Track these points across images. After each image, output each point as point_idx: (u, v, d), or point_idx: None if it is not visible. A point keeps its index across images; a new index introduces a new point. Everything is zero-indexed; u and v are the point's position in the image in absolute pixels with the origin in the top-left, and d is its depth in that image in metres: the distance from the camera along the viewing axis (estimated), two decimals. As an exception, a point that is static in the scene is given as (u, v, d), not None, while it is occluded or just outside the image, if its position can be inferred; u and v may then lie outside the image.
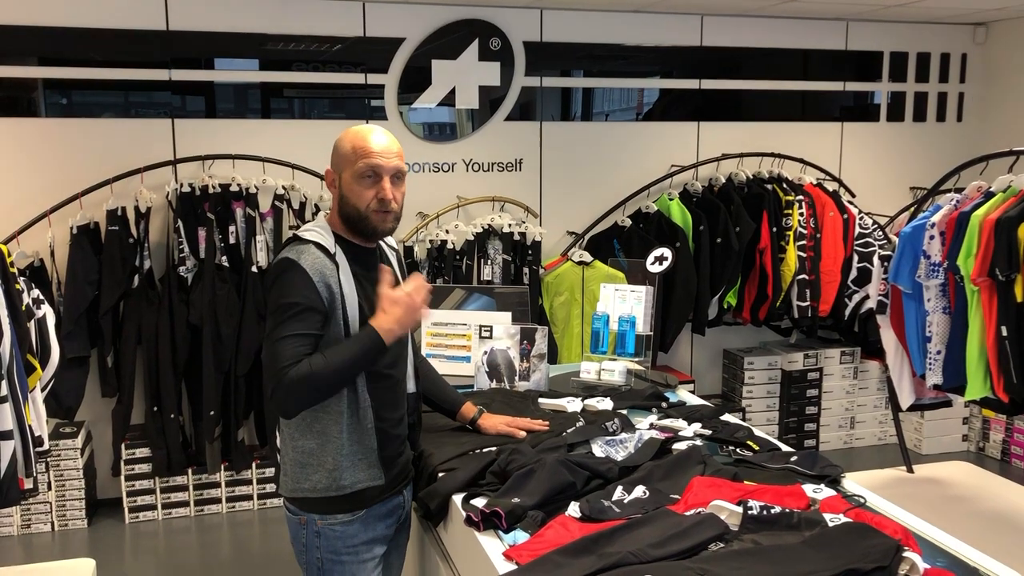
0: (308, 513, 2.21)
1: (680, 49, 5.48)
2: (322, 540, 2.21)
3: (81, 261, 4.33)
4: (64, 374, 4.17)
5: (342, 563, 2.23)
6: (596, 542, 1.79)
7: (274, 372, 2.03)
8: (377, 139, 2.17)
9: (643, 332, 3.14)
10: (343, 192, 2.18)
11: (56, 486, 4.45)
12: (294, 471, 2.21)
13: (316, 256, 2.11)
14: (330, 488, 2.17)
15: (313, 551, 2.23)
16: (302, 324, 2.05)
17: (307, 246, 2.13)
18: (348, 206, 2.17)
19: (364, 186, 2.15)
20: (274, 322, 2.07)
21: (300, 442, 2.19)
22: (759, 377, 5.52)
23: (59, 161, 4.51)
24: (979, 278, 3.41)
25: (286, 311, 2.05)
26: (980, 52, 6.02)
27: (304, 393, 2.04)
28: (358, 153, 2.15)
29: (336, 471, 2.16)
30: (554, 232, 5.32)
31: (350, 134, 2.19)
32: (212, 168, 4.62)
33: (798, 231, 5.22)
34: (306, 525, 2.22)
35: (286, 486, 2.24)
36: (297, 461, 2.20)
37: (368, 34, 4.88)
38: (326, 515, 2.20)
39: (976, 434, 5.53)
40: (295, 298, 2.06)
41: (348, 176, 2.16)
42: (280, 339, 2.04)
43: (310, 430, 2.17)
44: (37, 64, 4.47)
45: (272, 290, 2.11)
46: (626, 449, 2.40)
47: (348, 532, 2.21)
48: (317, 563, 2.23)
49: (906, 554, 1.71)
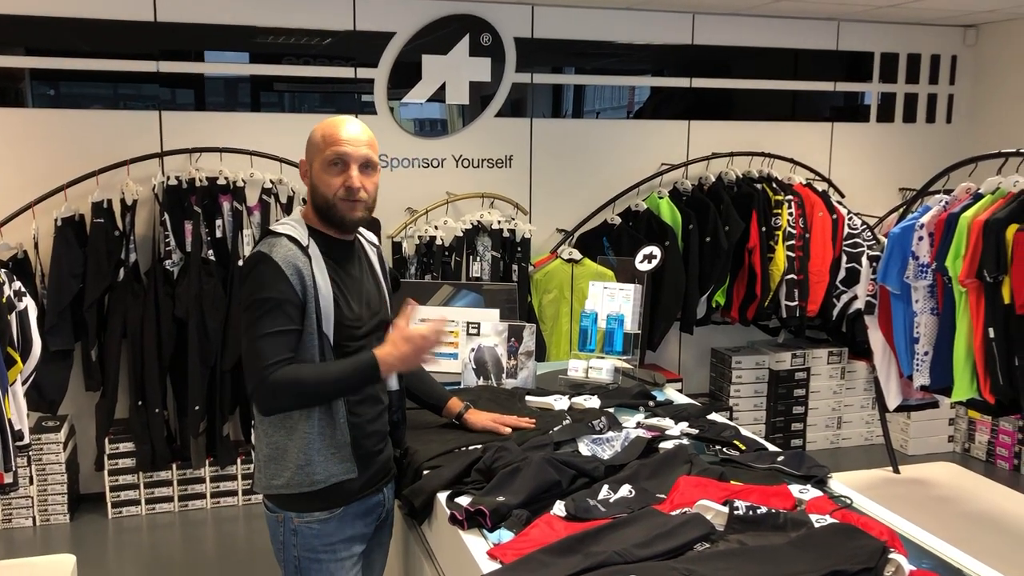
0: (285, 511, 2.19)
1: (672, 47, 5.47)
2: (299, 538, 2.19)
3: (65, 253, 4.29)
4: (47, 367, 4.14)
5: (319, 561, 2.20)
6: (581, 541, 1.77)
7: (256, 370, 2.02)
8: (347, 128, 2.16)
9: (631, 330, 3.13)
10: (313, 181, 2.18)
11: (38, 480, 4.41)
12: (266, 467, 2.18)
13: (288, 248, 2.09)
14: (303, 484, 2.14)
15: (290, 549, 2.20)
16: (280, 320, 2.04)
17: (279, 239, 2.11)
18: (318, 195, 2.17)
19: (332, 174, 2.15)
20: (250, 318, 2.05)
21: (272, 437, 2.17)
22: (746, 376, 5.52)
23: (44, 152, 4.47)
24: (967, 279, 3.42)
25: (261, 306, 2.04)
26: (970, 54, 6.03)
27: (286, 397, 2.07)
28: (327, 141, 2.15)
29: (307, 466, 2.13)
30: (544, 229, 5.30)
31: (322, 124, 2.19)
32: (199, 161, 4.59)
33: (787, 231, 5.22)
34: (283, 523, 2.20)
35: (260, 483, 2.22)
36: (269, 456, 2.18)
37: (358, 28, 4.85)
38: (303, 513, 2.17)
39: (962, 435, 5.55)
40: (269, 292, 2.05)
41: (318, 165, 2.17)
42: (260, 337, 2.03)
43: (281, 425, 2.15)
44: (24, 54, 4.43)
45: (245, 285, 2.10)
46: (613, 448, 2.38)
47: (325, 530, 2.19)
48: (294, 561, 2.21)
49: (892, 555, 1.70)
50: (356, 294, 2.22)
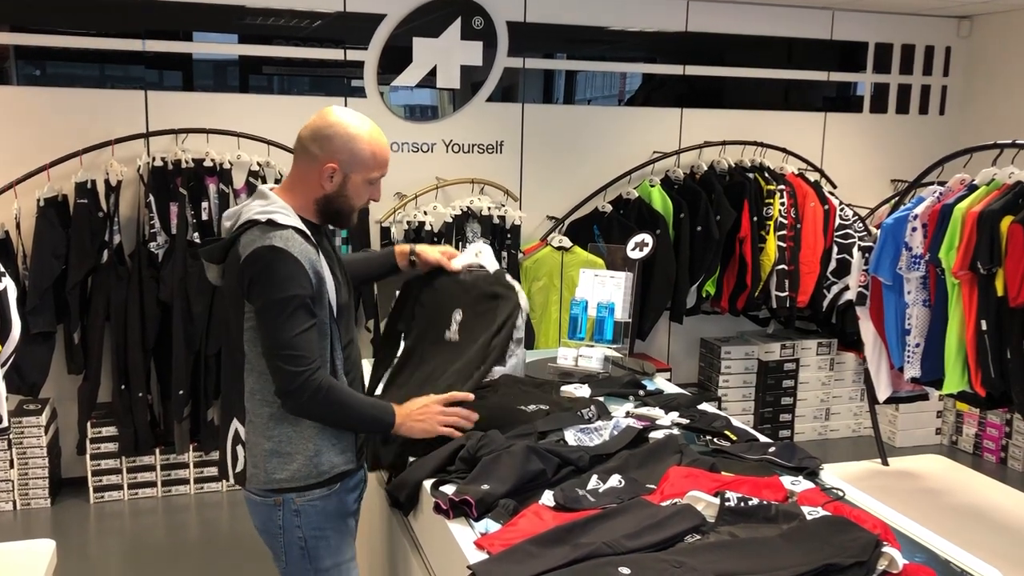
0: (284, 494, 2.15)
1: (665, 34, 5.42)
2: (303, 518, 2.15)
3: (48, 234, 4.22)
4: (29, 350, 4.08)
5: (327, 538, 2.19)
6: (570, 532, 1.74)
7: (295, 370, 2.03)
8: (388, 147, 2.20)
9: (622, 319, 3.09)
10: (347, 191, 2.16)
11: (19, 464, 4.36)
12: (267, 461, 2.14)
13: (301, 243, 2.06)
14: (310, 475, 2.13)
15: (293, 531, 2.16)
16: (308, 317, 2.05)
17: (287, 232, 2.06)
18: (344, 203, 2.17)
19: (370, 191, 2.20)
20: (277, 315, 2.02)
21: (275, 431, 2.13)
22: (735, 367, 5.50)
23: (28, 131, 4.39)
24: (960, 271, 3.40)
25: (289, 304, 2.02)
26: (964, 45, 6.01)
27: (324, 405, 2.08)
28: (378, 162, 2.17)
29: (316, 456, 2.13)
30: (534, 216, 5.26)
31: (369, 138, 2.15)
32: (186, 142, 4.52)
33: (778, 221, 5.19)
34: (283, 506, 2.15)
35: (257, 479, 2.16)
36: (272, 451, 2.13)
37: (349, 9, 4.78)
38: (304, 492, 2.14)
39: (949, 428, 5.55)
40: (295, 290, 2.03)
41: (360, 179, 2.15)
42: (295, 336, 2.03)
43: (284, 418, 2.12)
44: (9, 31, 4.34)
45: (262, 280, 2.03)
46: (601, 437, 2.34)
47: (328, 507, 2.18)
48: (299, 543, 2.17)
49: (885, 549, 1.67)
50: (343, 280, 2.23)
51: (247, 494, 2.22)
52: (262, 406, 2.15)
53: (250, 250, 2.04)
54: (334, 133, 2.12)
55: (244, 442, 2.21)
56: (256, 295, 2.04)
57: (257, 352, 2.11)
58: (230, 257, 2.11)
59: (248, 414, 2.18)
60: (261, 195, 2.16)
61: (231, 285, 2.13)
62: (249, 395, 2.17)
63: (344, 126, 2.13)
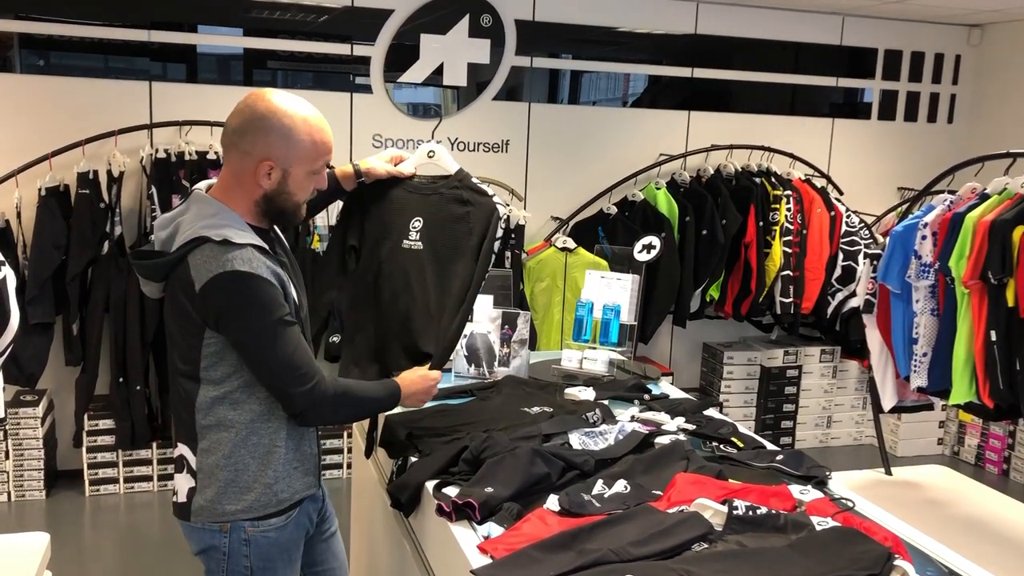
0: (234, 520, 1.98)
1: (674, 36, 5.39)
2: (252, 548, 2.00)
3: (49, 224, 4.19)
4: (27, 340, 4.05)
5: (274, 570, 2.04)
6: (575, 538, 1.71)
7: (304, 387, 1.92)
8: (329, 129, 2.00)
9: (627, 321, 3.06)
10: (287, 187, 1.96)
11: (14, 455, 4.32)
12: (224, 492, 1.96)
13: (262, 259, 1.90)
14: (267, 505, 1.99)
15: (239, 559, 2.00)
16: (296, 333, 1.94)
17: (247, 251, 1.87)
18: (287, 200, 1.99)
19: (312, 182, 2.01)
20: (267, 342, 1.89)
21: (234, 458, 1.95)
22: (738, 372, 5.47)
23: (30, 120, 4.36)
24: (970, 281, 3.35)
25: (276, 327, 1.89)
26: (974, 54, 5.97)
27: (340, 407, 2.04)
28: (320, 150, 1.98)
29: (276, 484, 1.99)
30: (538, 216, 5.22)
31: (305, 125, 1.94)
32: (189, 134, 4.49)
33: (784, 226, 5.16)
34: (231, 532, 1.98)
35: (204, 511, 1.96)
36: (229, 480, 1.95)
37: (356, 4, 4.74)
38: (258, 521, 1.99)
39: (951, 438, 5.52)
40: (278, 312, 1.89)
41: (301, 171, 1.96)
42: (291, 354, 1.91)
43: (245, 443, 1.96)
44: (14, 18, 4.31)
45: (238, 311, 1.87)
46: (606, 441, 2.31)
47: (281, 537, 2.04)
48: (244, 572, 2.01)
49: (897, 562, 1.64)
50: (300, 283, 2.10)
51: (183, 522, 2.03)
52: (219, 431, 1.96)
53: (209, 276, 1.84)
54: (266, 126, 1.92)
55: (193, 470, 1.98)
56: (232, 327, 1.88)
57: (220, 375, 1.93)
58: (176, 276, 1.91)
59: (202, 441, 1.96)
60: (202, 201, 1.97)
61: (179, 307, 1.92)
62: (202, 419, 1.96)
63: (277, 116, 1.92)
